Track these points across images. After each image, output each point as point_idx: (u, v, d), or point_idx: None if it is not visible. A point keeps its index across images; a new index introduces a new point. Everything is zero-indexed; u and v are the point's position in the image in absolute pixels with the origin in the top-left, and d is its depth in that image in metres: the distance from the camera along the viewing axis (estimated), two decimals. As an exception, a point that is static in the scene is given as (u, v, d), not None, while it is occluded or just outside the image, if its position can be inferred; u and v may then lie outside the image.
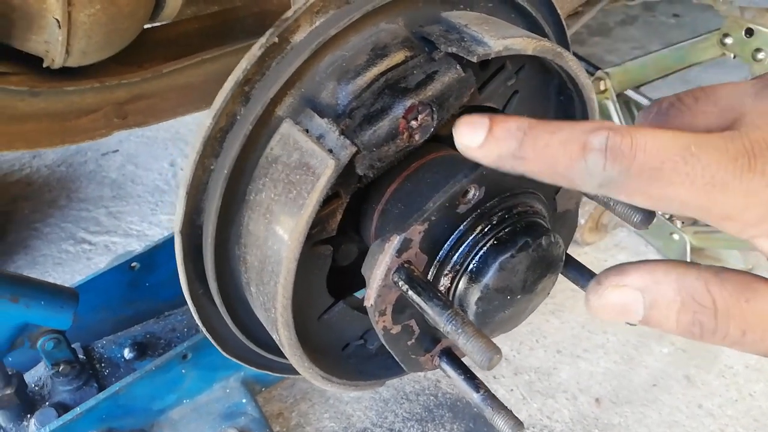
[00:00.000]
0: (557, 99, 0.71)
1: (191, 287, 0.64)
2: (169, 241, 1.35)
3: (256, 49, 0.52)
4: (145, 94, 0.80)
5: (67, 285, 1.87)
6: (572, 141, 0.39)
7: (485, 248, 0.58)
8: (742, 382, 1.46)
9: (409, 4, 0.58)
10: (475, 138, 0.42)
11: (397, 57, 0.56)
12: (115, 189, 2.16)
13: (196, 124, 2.30)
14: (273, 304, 0.57)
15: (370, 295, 0.57)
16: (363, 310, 0.74)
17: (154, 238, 2.02)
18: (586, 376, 1.47)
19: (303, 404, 1.43)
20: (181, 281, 0.63)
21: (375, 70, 0.56)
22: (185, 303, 1.44)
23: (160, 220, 2.06)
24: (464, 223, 0.58)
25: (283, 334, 0.60)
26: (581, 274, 0.71)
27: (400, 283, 0.55)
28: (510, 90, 0.66)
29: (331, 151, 0.52)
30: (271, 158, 0.55)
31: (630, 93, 1.69)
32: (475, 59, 0.54)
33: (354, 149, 0.52)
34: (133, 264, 1.30)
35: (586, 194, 0.54)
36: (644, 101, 1.70)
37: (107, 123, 0.76)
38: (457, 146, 0.44)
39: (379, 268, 0.55)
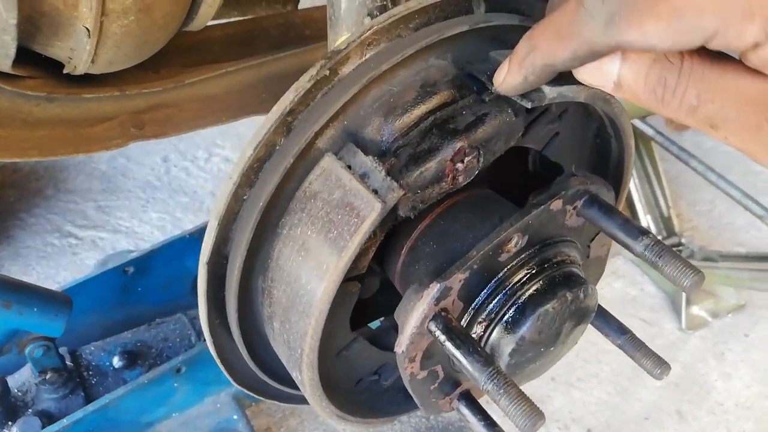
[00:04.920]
0: (594, 141, 0.70)
1: (209, 317, 0.61)
2: (165, 247, 1.31)
3: (305, 81, 0.50)
4: (164, 103, 0.77)
5: (51, 280, 1.81)
6: None
7: (524, 298, 0.56)
8: (733, 420, 1.46)
9: (458, 40, 0.56)
10: None
11: (446, 95, 0.54)
12: (104, 182, 2.09)
13: (192, 121, 2.25)
14: (300, 344, 0.55)
15: (402, 342, 0.54)
16: (378, 344, 0.72)
17: (143, 236, 1.96)
18: (579, 405, 1.46)
19: (292, 420, 1.40)
20: (200, 312, 0.60)
21: (423, 108, 0.53)
22: (177, 311, 1.39)
23: (150, 218, 2.00)
24: (503, 271, 0.56)
25: (306, 375, 0.57)
26: (607, 323, 0.69)
27: (437, 332, 0.53)
28: (551, 132, 0.64)
29: (376, 192, 0.49)
30: (310, 193, 0.53)
31: (636, 123, 1.69)
32: (529, 105, 0.52)
33: (401, 192, 0.49)
34: (127, 268, 1.26)
35: (633, 252, 0.53)
36: (649, 131, 1.70)
37: (123, 132, 0.72)
38: None
39: (415, 315, 0.53)
